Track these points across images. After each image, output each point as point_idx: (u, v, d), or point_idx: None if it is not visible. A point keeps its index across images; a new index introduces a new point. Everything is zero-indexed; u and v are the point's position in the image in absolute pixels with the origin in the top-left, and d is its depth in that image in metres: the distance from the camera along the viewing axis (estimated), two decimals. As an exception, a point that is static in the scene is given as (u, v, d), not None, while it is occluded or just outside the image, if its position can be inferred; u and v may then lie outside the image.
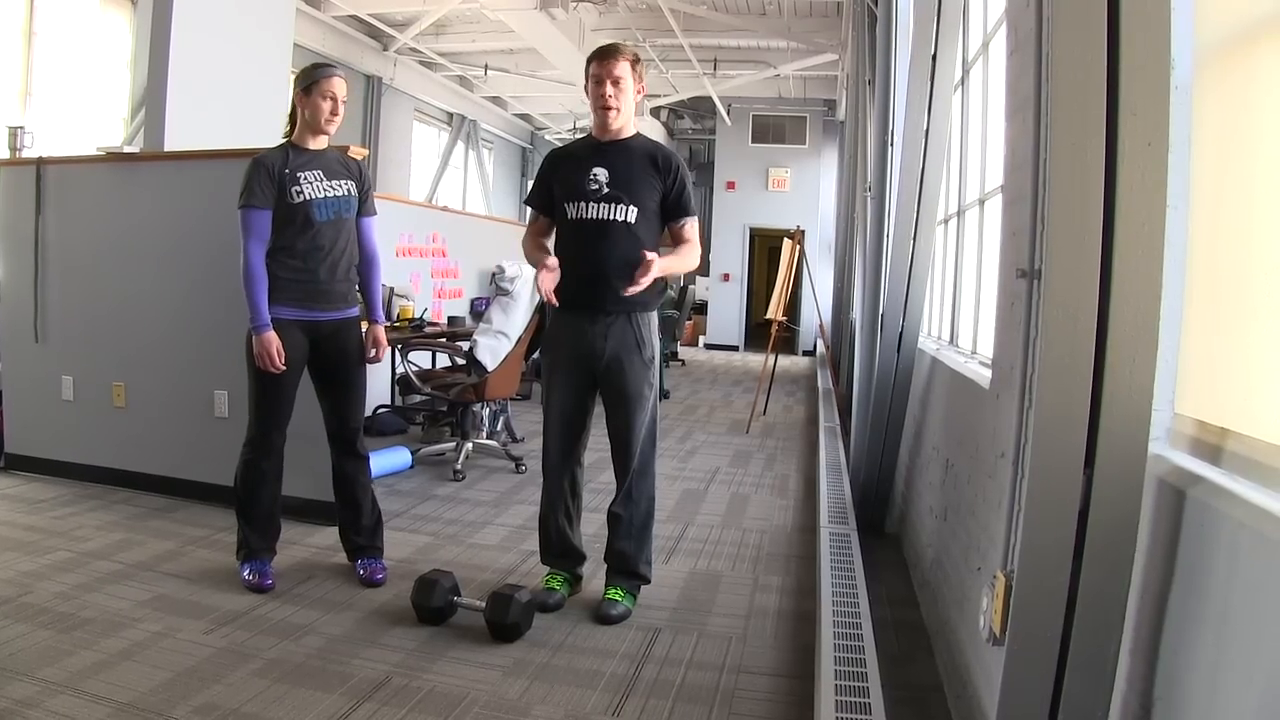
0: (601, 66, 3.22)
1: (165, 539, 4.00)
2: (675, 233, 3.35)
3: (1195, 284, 1.56)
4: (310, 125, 3.42)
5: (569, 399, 3.40)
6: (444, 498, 4.99)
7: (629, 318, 3.30)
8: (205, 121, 5.36)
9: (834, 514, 4.26)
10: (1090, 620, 1.47)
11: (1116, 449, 1.46)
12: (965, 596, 2.76)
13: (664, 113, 18.79)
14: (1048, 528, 1.51)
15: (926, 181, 4.10)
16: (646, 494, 3.43)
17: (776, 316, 8.71)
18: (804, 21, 12.25)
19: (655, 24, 12.28)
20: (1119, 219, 1.42)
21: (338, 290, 3.48)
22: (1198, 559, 1.36)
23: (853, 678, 2.52)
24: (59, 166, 4.97)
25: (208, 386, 4.57)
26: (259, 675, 2.74)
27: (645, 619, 3.34)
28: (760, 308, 19.45)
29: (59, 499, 4.57)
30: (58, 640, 2.91)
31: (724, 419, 8.53)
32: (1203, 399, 1.55)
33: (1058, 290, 1.49)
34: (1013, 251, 2.53)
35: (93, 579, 3.47)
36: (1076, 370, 1.46)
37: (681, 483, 5.66)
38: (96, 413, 4.88)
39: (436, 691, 2.69)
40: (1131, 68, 1.39)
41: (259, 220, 3.34)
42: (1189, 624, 1.36)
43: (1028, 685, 1.55)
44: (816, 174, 17.33)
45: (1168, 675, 1.41)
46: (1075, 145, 1.43)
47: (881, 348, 4.51)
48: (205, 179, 4.55)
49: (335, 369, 3.56)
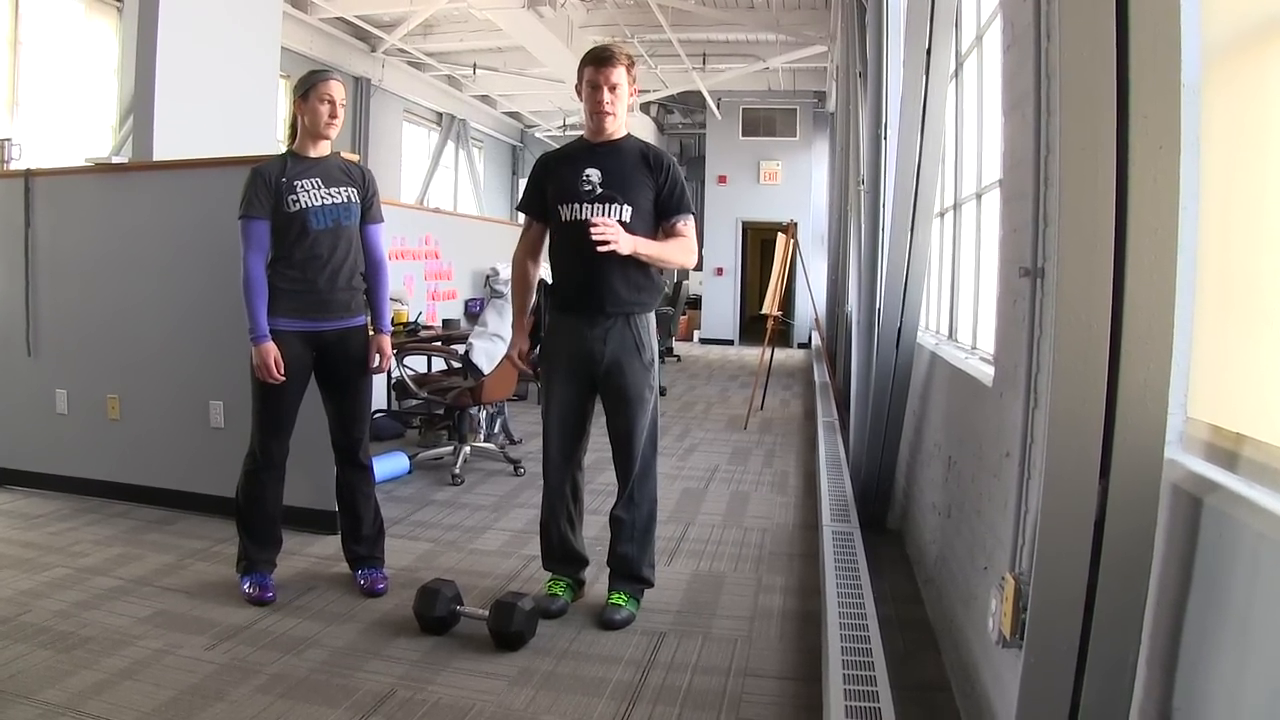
0: (598, 72, 3.19)
1: (164, 552, 3.97)
2: (669, 231, 3.32)
3: (1206, 285, 1.54)
4: (310, 131, 3.39)
5: (568, 403, 3.37)
6: (443, 503, 4.97)
7: (627, 320, 3.28)
8: (194, 128, 5.34)
9: (836, 511, 4.24)
10: (1108, 630, 1.45)
11: (1132, 455, 1.44)
12: (972, 595, 2.75)
13: (654, 108, 18.78)
14: (1063, 536, 1.49)
15: (923, 175, 4.08)
16: (648, 497, 3.41)
17: (772, 311, 8.69)
18: (792, 14, 12.23)
19: (643, 20, 12.25)
20: (1131, 222, 1.40)
21: (339, 299, 3.44)
22: (1216, 569, 1.34)
23: (861, 680, 2.50)
24: (48, 178, 4.93)
25: (203, 397, 4.54)
26: (262, 691, 2.72)
27: (649, 623, 3.32)
28: (754, 301, 19.51)
29: (55, 514, 4.54)
30: (58, 660, 2.88)
31: (721, 415, 8.52)
32: (1215, 402, 1.54)
33: (1069, 294, 1.47)
34: (1013, 248, 2.51)
35: (92, 596, 3.44)
36: (1090, 376, 1.44)
37: (681, 482, 5.65)
38: (91, 426, 4.84)
39: (442, 704, 2.67)
40: (1141, 70, 1.36)
41: (257, 230, 3.31)
42: (1209, 634, 1.34)
43: (1045, 695, 1.54)
44: (808, 166, 17.36)
45: (1187, 685, 1.39)
46: (1085, 149, 1.40)
47: (880, 342, 4.48)
48: (195, 188, 4.52)
49: (337, 377, 3.52)
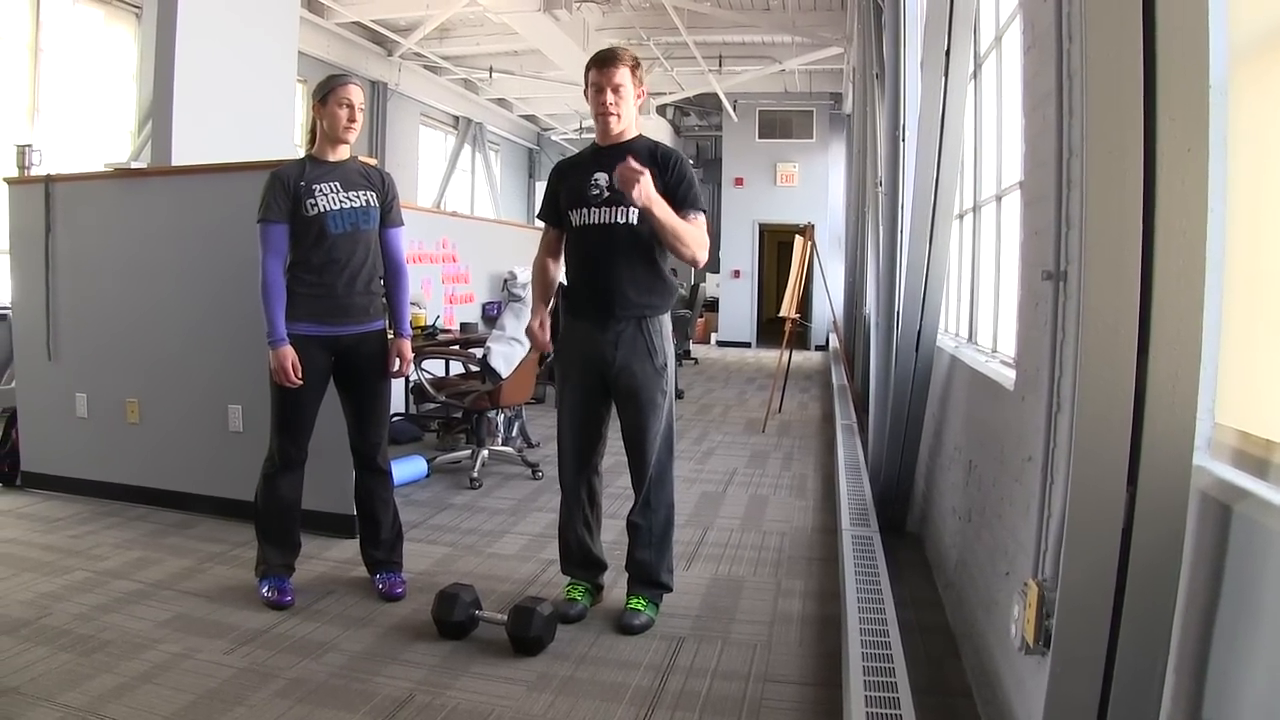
0: (601, 74, 3.19)
1: (183, 556, 3.99)
2: None
3: (1233, 289, 1.51)
4: (329, 135, 3.40)
5: (583, 408, 3.37)
6: (461, 506, 4.97)
7: (639, 324, 3.27)
8: (212, 133, 5.36)
9: (855, 515, 4.21)
10: (1136, 638, 1.43)
11: (1160, 461, 1.41)
12: (993, 600, 2.72)
13: (670, 110, 18.77)
14: (1091, 543, 1.47)
15: (943, 177, 4.05)
16: (665, 501, 3.40)
17: (790, 314, 8.66)
18: (808, 15, 12.20)
19: (659, 22, 12.24)
20: (1159, 225, 1.37)
21: (357, 303, 3.44)
22: (1247, 577, 1.32)
23: (881, 686, 2.47)
24: (67, 184, 4.97)
25: (222, 401, 4.56)
26: (281, 696, 2.72)
27: (668, 628, 3.31)
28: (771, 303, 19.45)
29: (75, 517, 4.57)
30: (78, 663, 2.90)
31: (739, 418, 8.49)
32: (1244, 408, 1.51)
33: (1096, 298, 1.45)
34: (1035, 251, 2.48)
35: (111, 599, 3.46)
36: (1117, 381, 1.42)
37: (700, 485, 5.63)
38: (111, 429, 4.87)
39: (461, 709, 2.66)
40: (1169, 71, 1.34)
41: (275, 234, 3.33)
42: (1240, 643, 1.32)
43: (1072, 703, 1.51)
44: (825, 168, 17.30)
45: (1217, 694, 1.36)
46: (1113, 152, 1.38)
47: (899, 345, 4.45)
48: (213, 193, 4.55)
49: (356, 382, 3.52)
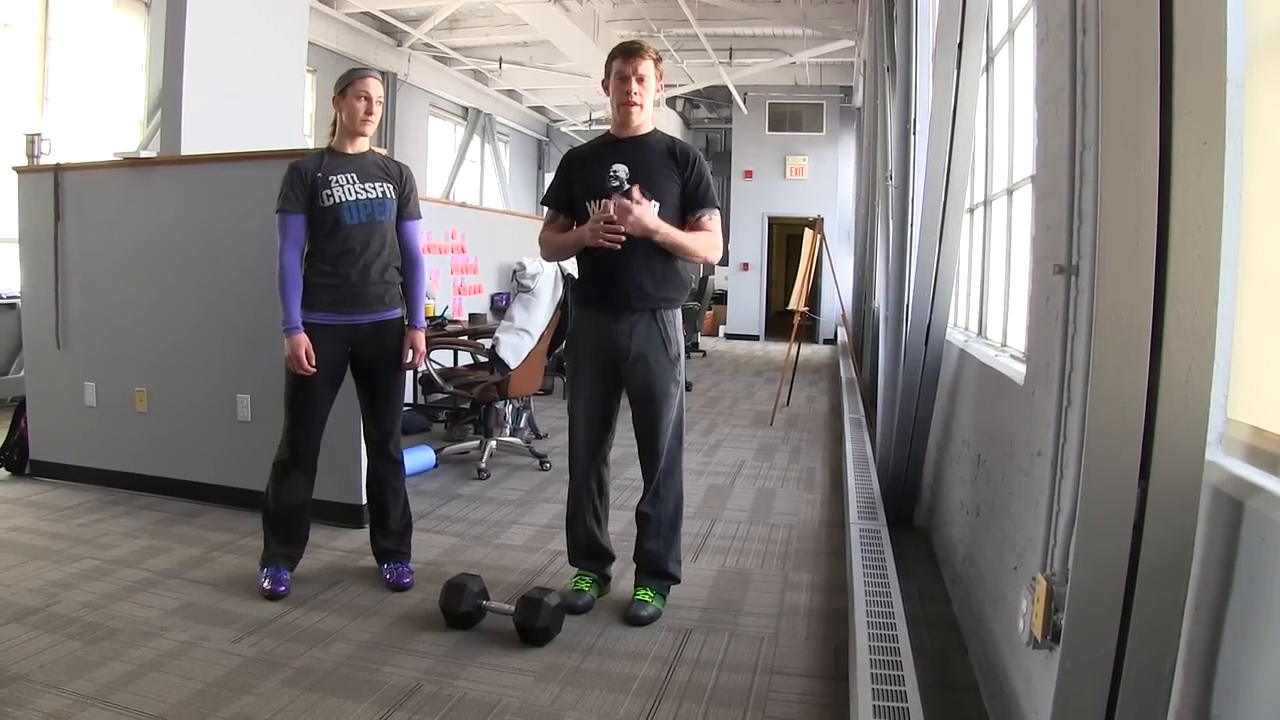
0: (626, 63, 3.21)
1: (191, 545, 4.00)
2: (695, 225, 3.30)
3: (1248, 284, 1.50)
4: (347, 127, 3.44)
5: (594, 398, 3.37)
6: (469, 497, 4.98)
7: (653, 315, 3.27)
8: (221, 122, 5.37)
9: (863, 508, 4.20)
10: (1146, 634, 1.42)
11: (1172, 457, 1.40)
12: (1001, 595, 2.72)
13: (680, 102, 18.74)
14: (1102, 538, 1.46)
15: (954, 171, 4.02)
16: (674, 492, 3.40)
17: (799, 307, 8.64)
18: (819, 8, 12.16)
19: (670, 13, 12.22)
20: (1174, 220, 1.36)
21: (372, 292, 3.45)
22: (1258, 573, 1.31)
23: (889, 680, 2.47)
24: (77, 173, 4.98)
25: (230, 391, 4.56)
26: (288, 685, 2.73)
27: (676, 620, 3.31)
28: (780, 296, 19.45)
29: (84, 505, 4.59)
30: (86, 651, 2.91)
31: (747, 411, 8.49)
32: (1256, 403, 1.50)
33: (1109, 292, 1.44)
34: (1047, 245, 2.47)
35: (120, 587, 3.48)
36: (1130, 375, 1.41)
37: (707, 477, 5.63)
38: (119, 418, 4.89)
39: (468, 699, 2.67)
40: (1185, 65, 1.33)
41: (293, 225, 3.36)
42: (1250, 639, 1.31)
43: (1082, 699, 1.51)
44: (834, 161, 17.23)
45: (1226, 692, 1.36)
46: (1128, 145, 1.37)
47: (909, 338, 4.44)
48: (222, 182, 4.55)
49: (371, 369, 3.54)
